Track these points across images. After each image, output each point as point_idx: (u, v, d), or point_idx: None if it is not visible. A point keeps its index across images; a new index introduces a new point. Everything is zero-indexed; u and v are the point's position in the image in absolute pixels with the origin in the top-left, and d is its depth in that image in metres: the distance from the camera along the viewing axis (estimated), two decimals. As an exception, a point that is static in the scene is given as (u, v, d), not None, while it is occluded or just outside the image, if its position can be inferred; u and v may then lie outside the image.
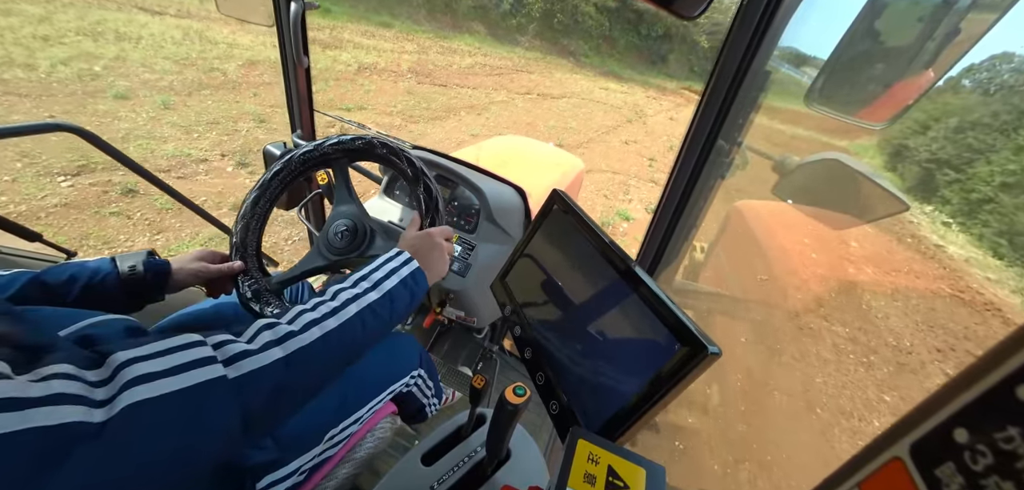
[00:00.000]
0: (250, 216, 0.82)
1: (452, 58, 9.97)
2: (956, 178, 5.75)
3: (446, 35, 11.58)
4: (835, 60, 0.69)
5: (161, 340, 0.38)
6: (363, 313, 0.52)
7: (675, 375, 0.41)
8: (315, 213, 1.61)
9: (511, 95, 8.48)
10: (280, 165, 0.83)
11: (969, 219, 5.24)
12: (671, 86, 14.90)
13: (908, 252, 4.56)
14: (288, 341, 0.44)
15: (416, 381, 0.93)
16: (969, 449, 0.17)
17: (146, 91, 4.28)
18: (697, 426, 1.75)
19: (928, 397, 0.19)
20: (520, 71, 10.82)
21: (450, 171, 1.17)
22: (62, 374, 0.31)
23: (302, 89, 1.32)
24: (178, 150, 3.50)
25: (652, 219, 0.96)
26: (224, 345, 0.40)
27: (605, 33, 15.04)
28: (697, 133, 0.81)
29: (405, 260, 0.61)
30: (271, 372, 0.41)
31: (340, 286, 0.54)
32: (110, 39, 5.14)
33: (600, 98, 10.40)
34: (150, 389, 0.33)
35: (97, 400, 0.31)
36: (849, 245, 3.95)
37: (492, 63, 10.64)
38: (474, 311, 1.20)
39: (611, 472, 0.38)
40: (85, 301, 0.62)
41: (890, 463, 0.20)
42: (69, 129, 0.96)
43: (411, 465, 0.70)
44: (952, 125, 6.35)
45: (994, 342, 0.17)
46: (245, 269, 0.79)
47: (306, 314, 0.48)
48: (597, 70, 13.87)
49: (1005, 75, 7.51)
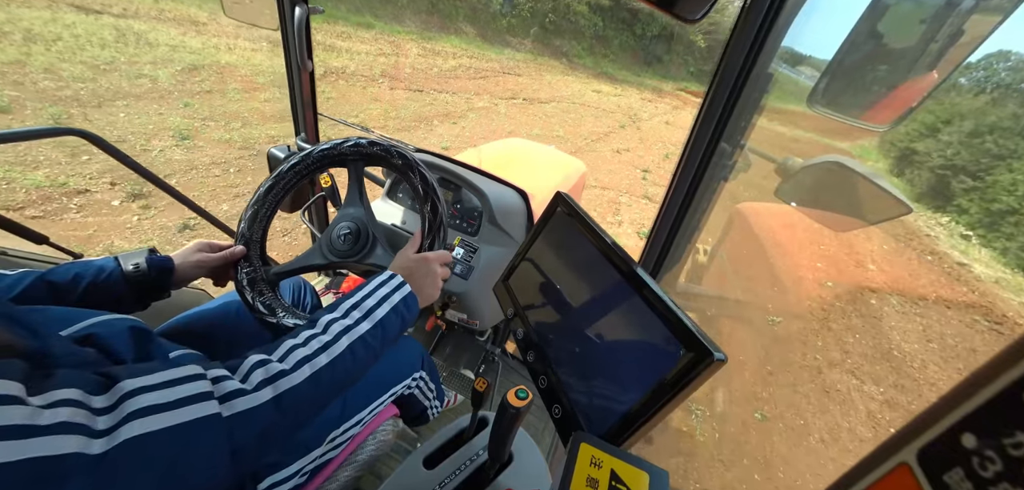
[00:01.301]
0: (260, 204, 0.82)
1: (434, 61, 9.31)
2: (974, 186, 5.40)
3: (431, 36, 10.91)
4: (838, 62, 0.69)
5: (167, 369, 0.39)
6: (354, 345, 0.53)
7: (679, 381, 0.40)
8: (318, 216, 1.62)
9: (494, 100, 7.86)
10: (297, 159, 0.84)
11: (990, 231, 4.88)
12: (667, 88, 14.57)
13: (931, 272, 4.21)
14: (279, 381, 0.45)
15: (418, 384, 0.92)
16: (978, 455, 0.17)
17: (38, 103, 3.55)
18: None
19: (935, 402, 0.19)
20: (507, 74, 10.26)
21: (453, 173, 1.18)
22: (69, 401, 0.32)
23: (306, 93, 1.33)
24: (50, 178, 2.74)
25: (655, 222, 0.96)
26: (221, 381, 0.42)
27: (599, 33, 14.70)
28: (700, 135, 0.81)
29: (398, 285, 0.62)
30: (261, 413, 0.42)
31: (332, 316, 0.54)
32: (16, 40, 4.35)
33: (591, 102, 9.89)
34: (150, 422, 0.35)
35: (98, 429, 0.32)
36: (866, 268, 3.71)
37: (478, 65, 10.05)
38: (476, 314, 1.19)
39: (614, 477, 0.38)
40: (91, 299, 0.62)
41: (897, 469, 0.20)
42: (75, 133, 0.97)
43: (413, 468, 0.70)
44: (967, 128, 5.98)
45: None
46: (246, 255, 0.80)
47: (298, 350, 0.49)
48: (590, 71, 13.44)
49: (1002, 74, 7.35)
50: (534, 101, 8.63)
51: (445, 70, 8.92)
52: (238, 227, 0.82)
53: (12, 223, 0.92)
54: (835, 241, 4.08)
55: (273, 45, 6.45)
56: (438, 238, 0.76)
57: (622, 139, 7.51)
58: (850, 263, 3.88)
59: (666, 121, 9.74)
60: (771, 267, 2.68)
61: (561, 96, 9.67)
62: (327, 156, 0.83)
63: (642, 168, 6.21)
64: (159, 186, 1.19)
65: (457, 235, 1.19)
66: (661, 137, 8.20)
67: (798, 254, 3.42)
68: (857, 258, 4.05)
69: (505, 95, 8.40)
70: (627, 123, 8.71)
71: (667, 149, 7.45)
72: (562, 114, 8.29)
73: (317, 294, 1.07)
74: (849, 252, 4.09)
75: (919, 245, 4.78)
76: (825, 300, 3.17)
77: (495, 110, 7.38)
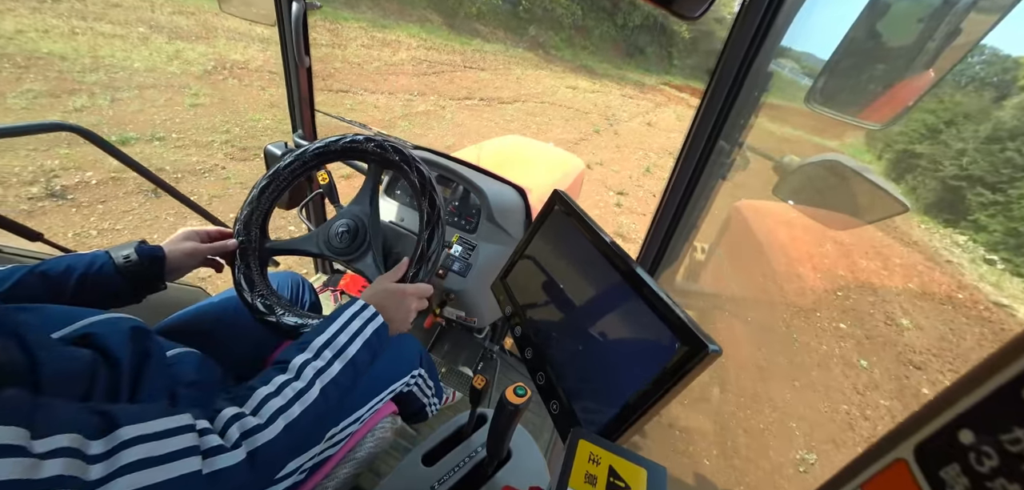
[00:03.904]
0: (256, 204, 0.83)
1: (379, 53, 7.78)
2: (994, 200, 4.64)
3: (385, 24, 9.41)
4: (836, 60, 0.69)
5: (163, 418, 0.40)
6: (326, 388, 0.54)
7: (675, 374, 0.41)
8: (316, 213, 1.61)
9: (442, 101, 6.48)
10: (322, 144, 0.85)
11: (1018, 254, 4.09)
12: (650, 81, 13.40)
13: (977, 325, 3.52)
14: (254, 436, 0.46)
15: (416, 381, 0.92)
16: (974, 451, 0.17)
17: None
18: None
19: (933, 398, 0.19)
20: (469, 68, 8.90)
21: (451, 171, 1.17)
22: (67, 450, 0.33)
23: (304, 89, 1.32)
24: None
25: (653, 220, 0.96)
26: (205, 434, 0.43)
27: (577, 23, 13.56)
28: (698, 133, 0.81)
29: (370, 316, 0.63)
30: (237, 472, 0.43)
31: (304, 357, 0.55)
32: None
33: (564, 100, 8.62)
34: (141, 477, 0.36)
35: (90, 480, 0.33)
36: (901, 327, 3.15)
37: (435, 58, 8.63)
38: (475, 311, 1.19)
39: (612, 472, 0.38)
40: (85, 292, 0.62)
41: (894, 464, 0.20)
42: (68, 128, 0.96)
43: (412, 465, 0.70)
44: (983, 133, 5.25)
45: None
46: (243, 254, 0.80)
47: (272, 401, 0.49)
48: (568, 65, 12.15)
49: (977, 68, 7.00)
50: (493, 102, 7.21)
51: (390, 64, 7.50)
52: (235, 221, 0.82)
53: (5, 220, 0.91)
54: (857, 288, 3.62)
55: (168, 35, 5.47)
56: (425, 269, 0.76)
57: (595, 148, 6.29)
58: (882, 318, 3.25)
59: (648, 122, 8.46)
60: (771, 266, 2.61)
61: (529, 94, 8.31)
62: (350, 149, 0.84)
63: (617, 189, 4.84)
64: (158, 184, 1.18)
65: (455, 232, 1.19)
66: (642, 143, 6.96)
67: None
68: (887, 314, 3.41)
69: (458, 95, 6.99)
70: (603, 127, 7.46)
71: (648, 159, 6.15)
72: (526, 117, 6.89)
73: (315, 292, 1.07)
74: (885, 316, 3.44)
75: (950, 282, 3.85)
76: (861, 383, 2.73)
77: (439, 115, 5.99)
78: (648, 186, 5.22)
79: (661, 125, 8.40)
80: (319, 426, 0.53)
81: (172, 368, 0.58)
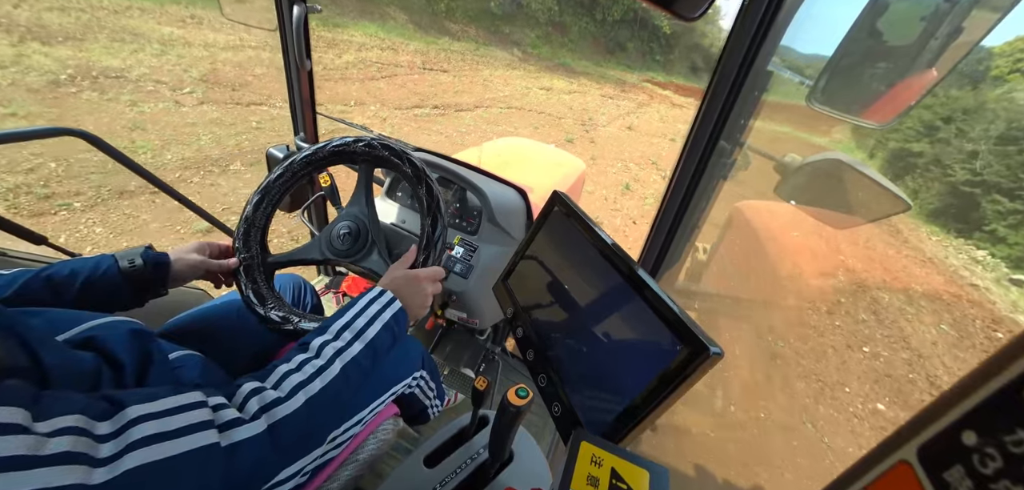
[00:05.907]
0: (270, 186, 0.83)
1: (322, 55, 6.96)
2: (1014, 209, 4.17)
3: (338, 23, 8.55)
4: (837, 60, 0.69)
5: (171, 396, 0.39)
6: (347, 367, 0.54)
7: (678, 376, 0.41)
8: (318, 215, 1.62)
9: (385, 112, 5.53)
10: (309, 152, 0.84)
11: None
12: (632, 79, 12.50)
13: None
14: (274, 409, 0.45)
15: (418, 383, 0.92)
16: (978, 452, 0.17)
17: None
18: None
19: (936, 399, 0.19)
20: (428, 70, 7.99)
21: (452, 172, 1.17)
22: (73, 428, 0.32)
23: (305, 92, 1.33)
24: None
25: (654, 221, 0.96)
26: (220, 409, 0.42)
27: (554, 19, 12.84)
28: (699, 134, 0.81)
29: (388, 301, 0.63)
30: (257, 443, 0.43)
31: (324, 338, 0.55)
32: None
33: (536, 103, 7.63)
34: (153, 452, 0.35)
35: (100, 458, 0.33)
36: (935, 374, 2.75)
37: (389, 60, 7.77)
38: (476, 313, 1.19)
39: (614, 475, 0.38)
40: (88, 296, 0.62)
41: (897, 466, 0.20)
42: (73, 133, 0.97)
43: (414, 467, 0.70)
44: (995, 133, 4.71)
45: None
46: (244, 266, 0.80)
47: (292, 376, 0.49)
48: (544, 63, 11.26)
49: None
50: (449, 109, 6.24)
51: (333, 68, 6.67)
52: (243, 212, 0.82)
53: (11, 224, 0.92)
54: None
55: (65, 40, 4.58)
56: (433, 254, 0.76)
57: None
58: (903, 365, 2.79)
59: (628, 126, 7.41)
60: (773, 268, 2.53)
61: (494, 98, 7.33)
62: (337, 152, 0.83)
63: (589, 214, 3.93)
64: (158, 186, 1.18)
65: (457, 234, 1.19)
66: (622, 153, 5.90)
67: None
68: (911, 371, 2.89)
69: (407, 103, 6.05)
70: (577, 134, 6.51)
71: (628, 172, 5.13)
72: (486, 127, 5.90)
73: (317, 294, 1.07)
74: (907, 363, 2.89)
75: (982, 311, 3.28)
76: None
77: (379, 128, 4.97)
78: (627, 208, 4.33)
79: (643, 128, 7.50)
80: (337, 408, 0.52)
81: (176, 371, 0.58)
